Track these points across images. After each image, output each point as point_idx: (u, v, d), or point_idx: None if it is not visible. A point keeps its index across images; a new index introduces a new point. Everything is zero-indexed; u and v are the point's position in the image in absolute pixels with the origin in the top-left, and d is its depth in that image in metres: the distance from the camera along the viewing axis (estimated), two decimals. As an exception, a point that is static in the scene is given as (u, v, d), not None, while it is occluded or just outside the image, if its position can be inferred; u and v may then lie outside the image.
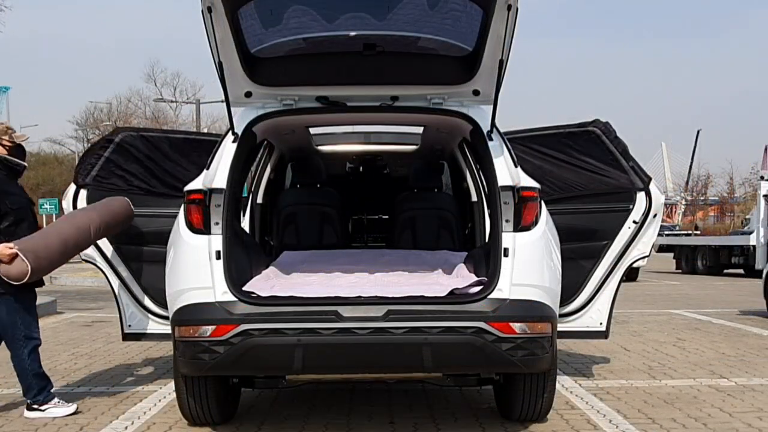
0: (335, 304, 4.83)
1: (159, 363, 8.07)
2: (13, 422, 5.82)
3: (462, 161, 7.08)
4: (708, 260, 26.10)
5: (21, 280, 5.54)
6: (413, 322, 4.75)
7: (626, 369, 7.78)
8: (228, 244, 5.00)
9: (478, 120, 5.48)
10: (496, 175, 5.14)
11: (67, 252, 5.80)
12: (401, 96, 5.54)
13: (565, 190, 6.55)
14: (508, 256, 4.93)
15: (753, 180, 57.69)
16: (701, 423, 5.68)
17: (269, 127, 5.78)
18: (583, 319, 6.43)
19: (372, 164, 8.50)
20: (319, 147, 7.59)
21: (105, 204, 6.16)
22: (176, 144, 6.75)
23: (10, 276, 5.55)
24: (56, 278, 20.58)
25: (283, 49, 5.43)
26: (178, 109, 62.75)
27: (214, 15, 4.72)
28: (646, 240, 6.41)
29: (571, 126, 6.67)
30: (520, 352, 4.77)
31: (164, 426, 5.65)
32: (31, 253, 5.54)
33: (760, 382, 7.16)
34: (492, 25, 4.88)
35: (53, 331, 10.88)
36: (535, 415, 5.55)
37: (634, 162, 6.52)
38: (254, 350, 4.76)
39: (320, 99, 5.54)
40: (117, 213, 6.14)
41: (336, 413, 5.99)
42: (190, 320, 4.86)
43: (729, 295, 17.08)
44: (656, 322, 11.81)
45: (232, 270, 4.96)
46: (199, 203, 5.06)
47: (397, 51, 5.43)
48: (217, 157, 5.27)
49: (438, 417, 5.86)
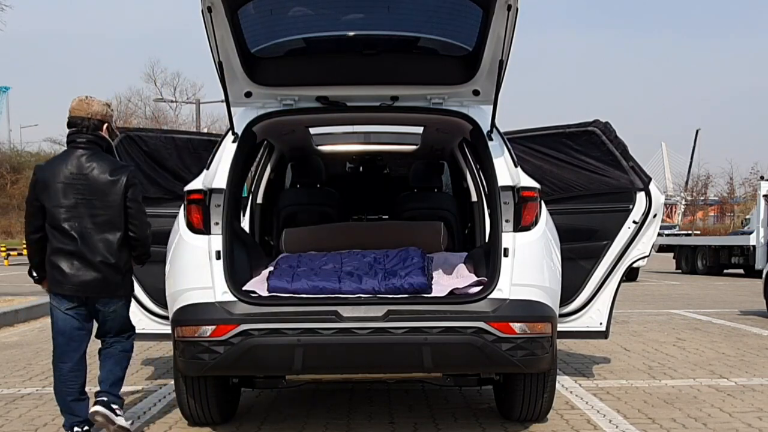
0: (335, 304, 4.84)
1: (159, 363, 8.07)
2: (12, 422, 5.82)
3: (462, 161, 7.08)
4: (708, 260, 26.08)
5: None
6: (413, 322, 4.75)
7: (626, 369, 7.78)
8: (228, 244, 5.00)
9: (478, 120, 5.48)
10: (496, 175, 5.15)
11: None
12: (401, 96, 5.54)
13: (565, 190, 6.56)
14: (508, 256, 4.93)
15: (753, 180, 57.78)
16: (701, 423, 5.68)
17: (269, 127, 5.78)
18: (583, 319, 6.43)
19: (372, 164, 8.50)
20: (319, 147, 7.59)
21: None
22: (177, 145, 6.75)
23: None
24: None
25: (283, 49, 5.43)
26: (178, 109, 62.87)
27: (214, 15, 4.72)
28: (646, 240, 6.41)
29: (571, 126, 6.68)
30: (520, 352, 4.77)
31: (164, 426, 5.66)
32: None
33: (760, 382, 7.16)
34: (492, 25, 4.88)
35: (53, 331, 10.88)
36: (535, 415, 5.55)
37: (634, 162, 6.52)
38: (254, 350, 4.75)
39: (320, 99, 5.54)
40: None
41: (336, 413, 5.99)
42: (190, 320, 4.86)
43: (729, 295, 17.07)
44: (656, 322, 11.81)
45: (232, 270, 4.96)
46: (199, 203, 5.06)
47: (397, 51, 5.44)
48: (217, 157, 5.27)
49: (438, 417, 5.86)
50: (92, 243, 5.02)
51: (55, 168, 5.09)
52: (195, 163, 6.37)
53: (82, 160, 5.07)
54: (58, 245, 5.02)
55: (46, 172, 5.10)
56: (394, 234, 6.52)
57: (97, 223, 5.03)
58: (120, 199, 5.06)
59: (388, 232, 6.71)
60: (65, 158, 5.12)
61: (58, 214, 5.01)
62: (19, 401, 6.46)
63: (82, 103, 5.17)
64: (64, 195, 5.01)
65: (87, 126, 5.14)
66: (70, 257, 5.01)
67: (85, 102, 5.18)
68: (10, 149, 71.74)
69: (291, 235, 6.61)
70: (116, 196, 5.05)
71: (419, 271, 5.14)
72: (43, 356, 8.63)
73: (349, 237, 6.50)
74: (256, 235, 7.13)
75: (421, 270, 5.17)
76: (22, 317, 11.92)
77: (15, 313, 11.82)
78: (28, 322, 11.81)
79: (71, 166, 5.06)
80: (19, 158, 69.23)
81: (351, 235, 6.60)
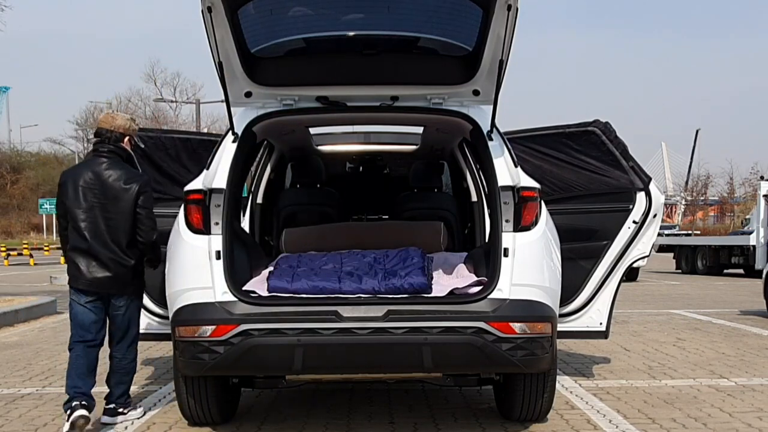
0: (335, 304, 4.84)
1: (159, 363, 8.07)
2: (12, 422, 5.82)
3: (462, 161, 7.08)
4: (708, 260, 26.07)
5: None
6: (413, 322, 4.75)
7: (626, 369, 7.78)
8: (228, 244, 5.00)
9: (478, 120, 5.48)
10: (496, 175, 5.15)
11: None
12: (401, 96, 5.54)
13: (565, 190, 6.55)
14: (508, 256, 4.93)
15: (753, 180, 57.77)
16: (701, 423, 5.68)
17: (269, 127, 5.78)
18: (583, 319, 6.43)
19: (372, 164, 8.50)
20: (319, 147, 7.59)
21: None
22: (177, 145, 6.74)
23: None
24: (56, 278, 20.58)
25: (283, 49, 5.43)
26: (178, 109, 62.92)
27: (214, 15, 4.72)
28: (646, 240, 6.41)
29: (571, 126, 6.67)
30: (520, 352, 4.77)
31: (164, 426, 5.65)
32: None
33: (760, 382, 7.16)
34: (492, 25, 4.88)
35: (53, 331, 10.89)
36: (535, 415, 5.55)
37: (634, 162, 6.52)
38: (254, 350, 4.76)
39: (320, 99, 5.54)
40: None
41: (336, 413, 5.99)
42: (190, 320, 4.86)
43: (729, 295, 17.07)
44: (656, 322, 11.81)
45: (232, 270, 4.96)
46: (199, 203, 5.06)
47: (397, 51, 5.44)
48: (217, 157, 5.27)
49: (438, 417, 5.85)
50: (104, 243, 5.50)
51: (78, 172, 5.63)
52: (195, 163, 6.37)
53: (101, 168, 5.58)
54: (74, 243, 5.54)
55: (69, 176, 5.63)
56: (394, 234, 6.52)
57: (110, 226, 5.52)
58: (131, 206, 5.54)
59: (388, 232, 6.72)
60: (87, 164, 5.67)
61: (76, 215, 5.52)
62: (19, 401, 6.46)
63: (108, 117, 5.77)
64: (84, 198, 5.53)
65: (109, 137, 5.67)
66: (85, 255, 5.50)
67: (110, 116, 5.78)
68: (10, 149, 71.85)
69: (291, 235, 6.61)
70: (127, 203, 5.53)
71: (419, 271, 5.14)
72: (43, 356, 8.63)
73: (349, 237, 6.50)
74: (256, 235, 7.13)
75: (421, 270, 5.17)
76: (22, 317, 11.93)
77: (15, 313, 11.82)
78: (28, 322, 11.82)
79: (91, 172, 5.57)
80: (19, 158, 69.30)
81: (351, 235, 6.61)
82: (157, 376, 7.41)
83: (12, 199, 63.59)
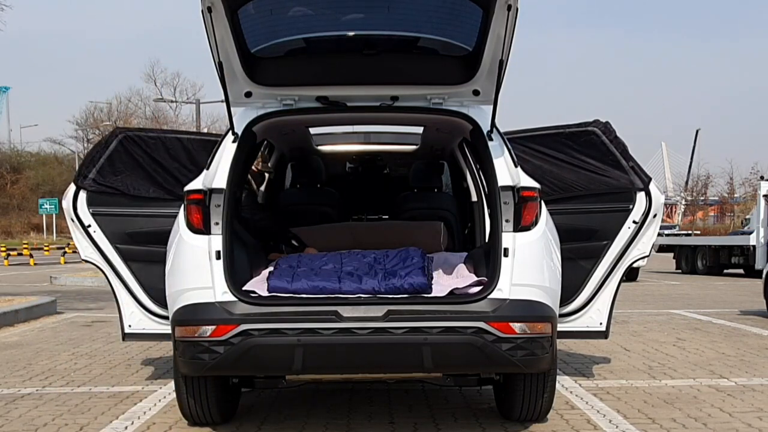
0: (335, 304, 4.84)
1: (159, 363, 8.07)
2: (12, 422, 5.82)
3: (462, 161, 7.08)
4: (708, 260, 26.08)
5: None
6: (413, 322, 4.75)
7: (626, 369, 7.78)
8: (228, 244, 5.00)
9: (478, 120, 5.48)
10: (496, 175, 5.15)
11: None
12: (401, 96, 5.53)
13: (565, 190, 6.54)
14: (508, 256, 4.93)
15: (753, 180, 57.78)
16: (701, 423, 5.68)
17: (269, 127, 5.78)
18: (583, 319, 6.42)
19: (372, 164, 8.50)
20: (319, 147, 7.59)
21: None
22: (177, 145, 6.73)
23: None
24: (56, 278, 20.59)
25: (283, 49, 5.43)
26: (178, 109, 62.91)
27: (214, 15, 4.72)
28: (646, 240, 6.39)
29: (571, 126, 6.66)
30: (520, 352, 4.77)
31: (164, 426, 5.65)
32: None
33: (760, 382, 7.16)
34: (492, 25, 4.88)
35: (53, 331, 10.89)
36: (535, 415, 5.55)
37: (634, 162, 6.51)
38: (254, 350, 4.75)
39: (320, 99, 5.54)
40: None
41: (336, 413, 5.99)
42: (190, 320, 4.86)
43: (729, 295, 17.07)
44: (656, 322, 11.81)
45: (232, 270, 4.96)
46: (199, 203, 5.06)
47: (397, 51, 5.44)
48: (217, 157, 5.27)
49: (438, 417, 5.86)
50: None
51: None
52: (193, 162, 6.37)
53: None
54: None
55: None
56: (394, 234, 6.52)
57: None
58: None
59: (388, 232, 6.72)
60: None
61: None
62: (19, 401, 6.46)
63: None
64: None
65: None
66: None
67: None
68: (10, 149, 71.86)
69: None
70: None
71: (419, 271, 5.13)
72: (43, 356, 8.63)
73: (349, 237, 6.50)
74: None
75: (421, 270, 5.17)
76: (22, 317, 11.92)
77: (15, 313, 11.81)
78: (28, 322, 11.81)
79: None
80: (19, 158, 69.28)
81: (351, 235, 6.61)
82: (157, 376, 7.41)
83: (12, 199, 63.57)
